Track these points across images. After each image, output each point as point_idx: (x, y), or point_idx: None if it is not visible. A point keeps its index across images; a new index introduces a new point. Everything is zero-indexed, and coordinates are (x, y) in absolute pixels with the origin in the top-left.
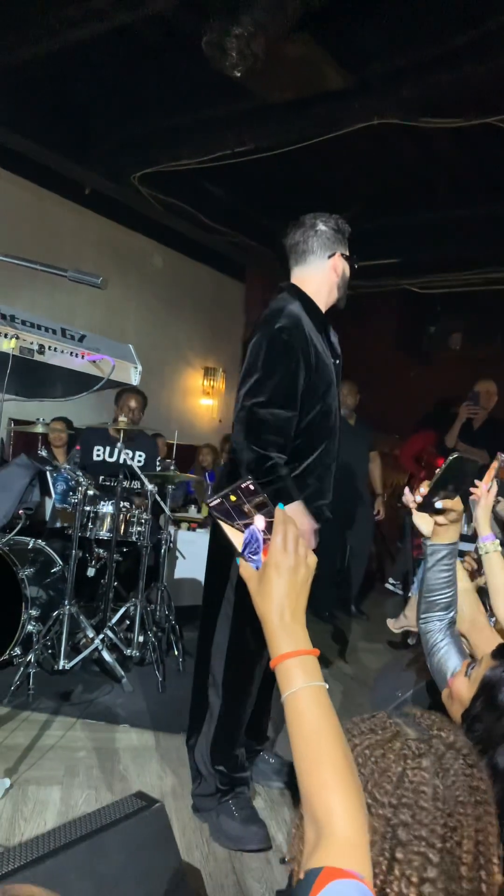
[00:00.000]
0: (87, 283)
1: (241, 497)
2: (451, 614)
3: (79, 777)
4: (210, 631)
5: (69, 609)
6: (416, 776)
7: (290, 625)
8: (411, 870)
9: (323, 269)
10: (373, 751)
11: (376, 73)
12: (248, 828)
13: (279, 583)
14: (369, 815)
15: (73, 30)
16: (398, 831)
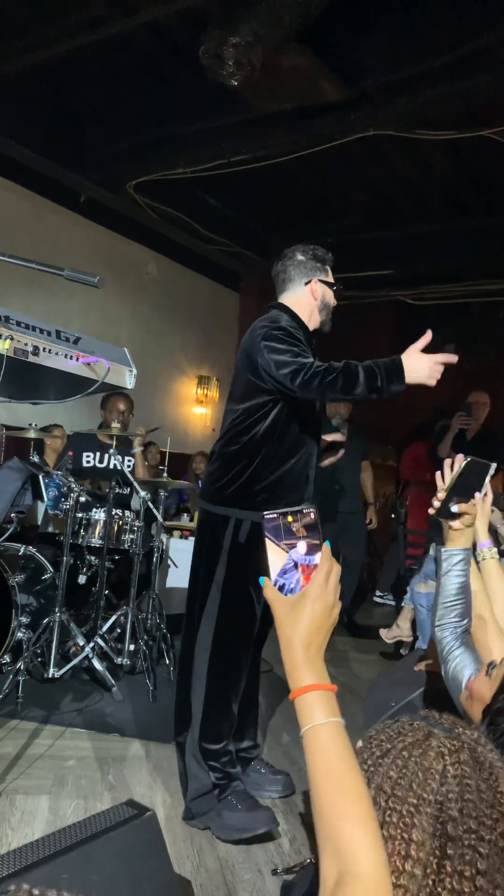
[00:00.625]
0: (83, 281)
1: (298, 520)
2: (465, 622)
3: (67, 787)
4: (194, 630)
5: (60, 616)
6: (458, 770)
7: (314, 658)
8: (463, 864)
9: (301, 295)
10: (411, 751)
11: (372, 85)
12: (254, 813)
13: (314, 616)
14: (416, 814)
15: (71, 39)
16: (447, 827)
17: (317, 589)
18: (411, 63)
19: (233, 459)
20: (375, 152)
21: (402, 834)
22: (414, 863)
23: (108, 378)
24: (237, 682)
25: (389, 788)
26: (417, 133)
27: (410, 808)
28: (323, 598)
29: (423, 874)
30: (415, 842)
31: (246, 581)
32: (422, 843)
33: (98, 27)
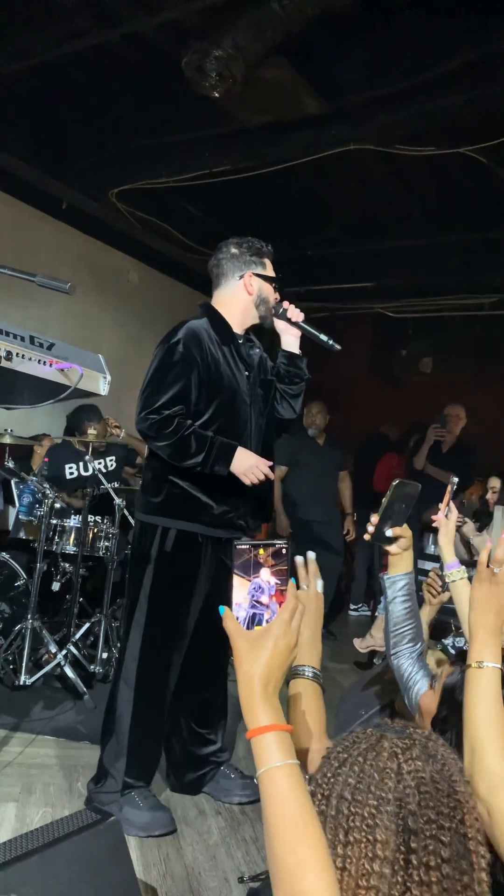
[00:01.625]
0: (55, 288)
1: (268, 554)
2: (419, 646)
3: (35, 794)
4: (126, 639)
5: (32, 623)
6: (412, 766)
7: (271, 697)
8: (428, 855)
9: (235, 290)
10: (366, 755)
11: (352, 100)
12: (154, 814)
13: (275, 654)
14: (378, 814)
15: (56, 48)
16: (408, 821)
17: (280, 627)
18: (391, 79)
19: (159, 470)
20: (355, 166)
21: (367, 836)
22: (381, 862)
23: (81, 384)
24: (165, 693)
25: (350, 795)
26: (397, 148)
27: (371, 810)
28: (286, 636)
29: (391, 871)
30: (379, 841)
31: (173, 589)
32: (386, 842)
33: (82, 37)
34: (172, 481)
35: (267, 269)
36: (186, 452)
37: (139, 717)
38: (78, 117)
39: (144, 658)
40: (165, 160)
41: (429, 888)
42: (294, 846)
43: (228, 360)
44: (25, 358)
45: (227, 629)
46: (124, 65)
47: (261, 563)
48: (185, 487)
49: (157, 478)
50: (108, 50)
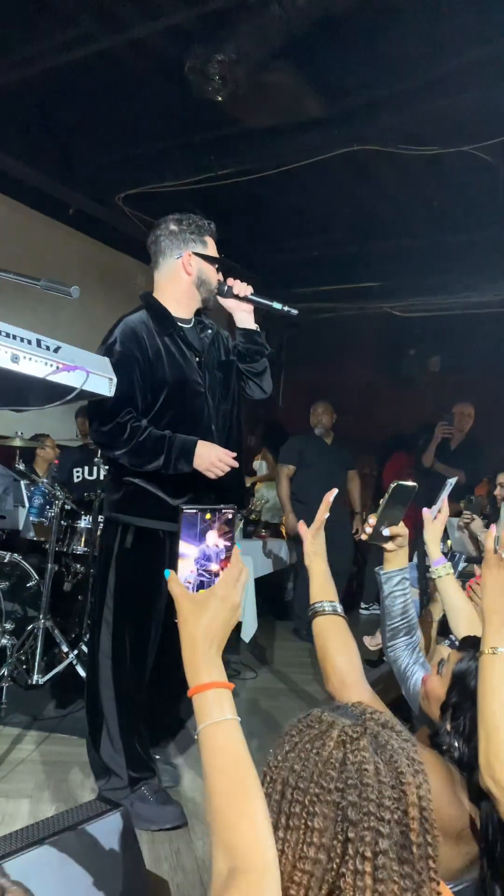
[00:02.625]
0: (59, 292)
1: (215, 519)
2: (414, 638)
3: (48, 791)
4: (96, 637)
5: (44, 624)
6: (357, 757)
7: (214, 656)
8: (364, 845)
9: (173, 271)
10: (313, 743)
11: (355, 101)
12: (164, 808)
13: (219, 614)
14: (318, 802)
15: (59, 54)
16: (348, 812)
17: (224, 589)
18: (394, 80)
19: (118, 469)
20: (359, 167)
21: (306, 822)
22: (318, 849)
23: (87, 386)
24: (141, 684)
25: (294, 781)
26: (400, 148)
27: (312, 798)
28: (230, 598)
29: (327, 858)
30: (317, 829)
31: (136, 584)
32: (323, 830)
33: (86, 43)
34: (129, 479)
35: (209, 247)
36: (144, 457)
37: (124, 713)
38: (84, 123)
39: (117, 654)
40: (170, 164)
41: (362, 877)
42: (228, 798)
43: (172, 350)
44: (32, 360)
45: (172, 591)
46: (128, 70)
47: (208, 528)
48: (140, 484)
49: (116, 476)
50: (113, 55)
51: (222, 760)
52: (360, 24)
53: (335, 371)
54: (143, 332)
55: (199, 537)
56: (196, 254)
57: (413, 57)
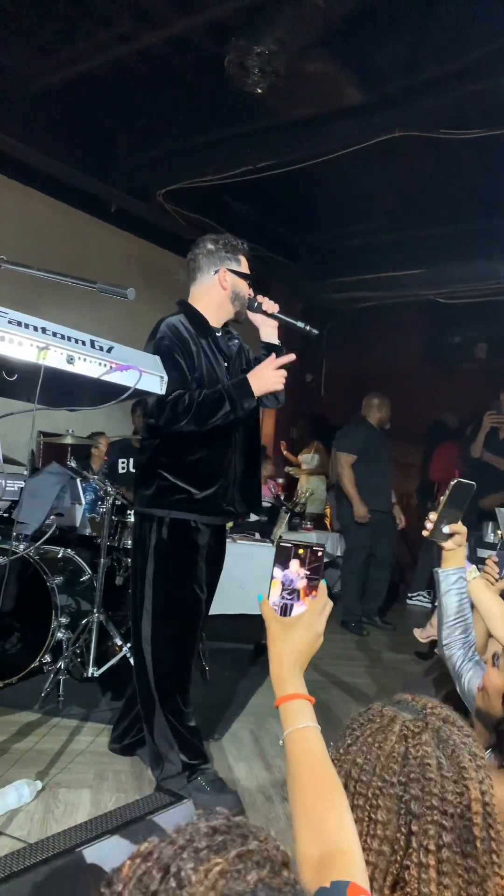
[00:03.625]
0: (115, 294)
1: (307, 554)
2: (470, 637)
3: (108, 781)
4: (138, 626)
5: (98, 617)
6: (419, 751)
7: (297, 674)
8: (427, 839)
9: (209, 285)
10: (375, 737)
11: (395, 87)
12: (221, 796)
13: (304, 638)
14: (381, 795)
15: (101, 53)
16: (411, 805)
17: (311, 617)
18: (434, 63)
19: (148, 463)
20: (400, 154)
21: (369, 815)
22: (381, 841)
23: (140, 385)
24: (186, 670)
25: (357, 774)
26: (442, 133)
27: (375, 791)
28: (315, 626)
29: (391, 850)
30: (380, 822)
31: (174, 575)
32: (387, 823)
33: (126, 42)
34: (160, 474)
35: (242, 265)
36: (210, 412)
37: (169, 701)
38: (124, 121)
39: (158, 642)
40: (210, 158)
41: (426, 870)
42: (317, 792)
43: (206, 352)
44: (87, 361)
45: (263, 613)
46: (167, 67)
47: (297, 558)
48: (171, 479)
49: (147, 473)
50: (152, 53)
51: (309, 760)
52: (397, 9)
53: (378, 361)
54: (183, 331)
55: (287, 566)
56: (231, 270)
57: (452, 39)
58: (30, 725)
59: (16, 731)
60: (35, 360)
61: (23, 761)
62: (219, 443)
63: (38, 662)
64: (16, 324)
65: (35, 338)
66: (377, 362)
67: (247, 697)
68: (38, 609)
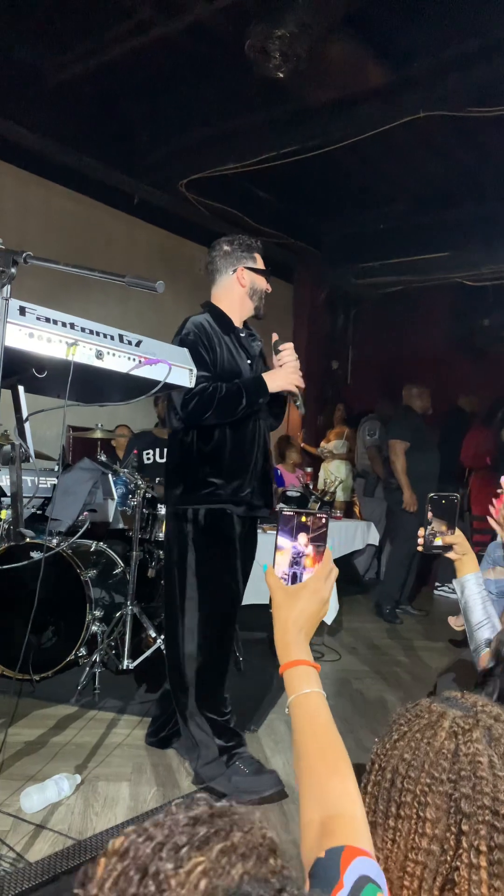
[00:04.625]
0: (143, 287)
1: (311, 522)
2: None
3: (146, 774)
4: (175, 618)
5: (131, 610)
6: (470, 749)
7: (303, 641)
8: (479, 839)
9: (229, 285)
10: (423, 733)
11: (420, 67)
12: (260, 777)
13: (309, 604)
14: (430, 793)
15: (119, 44)
16: (461, 804)
17: (316, 583)
18: (459, 41)
19: (180, 457)
20: (425, 135)
21: (417, 812)
22: (430, 840)
23: (170, 379)
24: (227, 655)
25: (404, 770)
26: (468, 111)
27: (424, 788)
28: (320, 592)
29: (440, 850)
30: (429, 820)
31: (215, 562)
32: (436, 821)
33: (144, 31)
34: (194, 467)
35: (257, 262)
36: (232, 406)
37: (207, 686)
38: (145, 112)
39: (204, 629)
40: (232, 146)
41: (478, 871)
42: (320, 758)
43: (230, 348)
44: (115, 356)
45: (268, 583)
46: (187, 55)
47: (303, 527)
48: (204, 472)
49: (180, 466)
50: (171, 41)
51: (312, 726)
52: None
53: (405, 346)
54: (209, 327)
55: (293, 535)
56: (247, 268)
57: (476, 16)
58: (67, 719)
59: (53, 725)
60: (64, 356)
61: (61, 755)
62: (246, 438)
63: (74, 656)
64: (44, 320)
65: (64, 334)
66: (404, 348)
67: (281, 688)
68: (72, 603)
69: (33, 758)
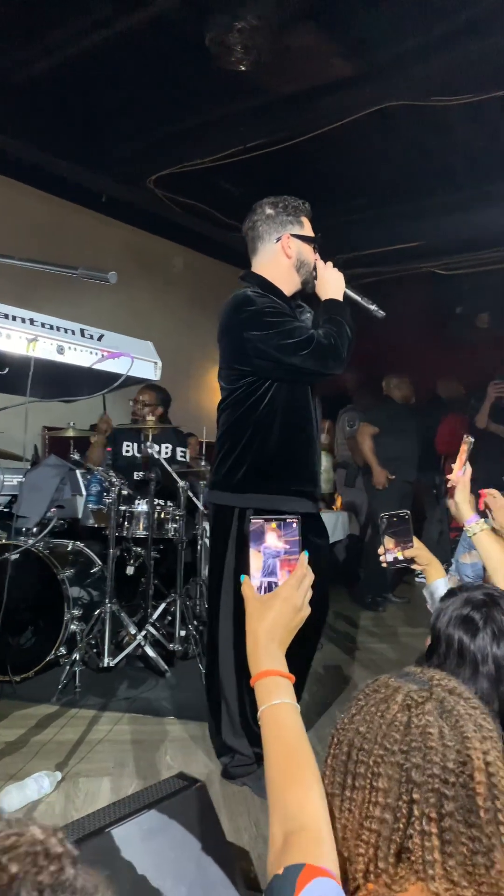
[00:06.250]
0: (96, 279)
1: (280, 528)
2: None
3: (128, 768)
4: (215, 623)
5: (110, 607)
6: (422, 720)
7: (276, 650)
8: (429, 807)
9: (273, 254)
10: (378, 706)
11: (383, 56)
12: None
13: (280, 612)
14: (382, 763)
15: (80, 40)
16: (412, 773)
17: (288, 591)
18: (422, 29)
19: (231, 449)
20: (392, 124)
21: (371, 783)
22: (383, 808)
23: (133, 372)
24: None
25: (359, 742)
26: (433, 100)
27: (377, 759)
28: (292, 598)
29: (393, 818)
30: (381, 789)
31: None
32: (388, 791)
33: (104, 27)
34: (244, 459)
35: (305, 228)
36: (345, 340)
37: (244, 696)
38: (110, 108)
39: (240, 640)
40: (199, 141)
41: (429, 838)
42: (285, 768)
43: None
44: (77, 350)
45: (243, 593)
46: (148, 49)
47: (271, 534)
48: (258, 464)
49: (227, 457)
50: (133, 36)
51: (280, 737)
52: None
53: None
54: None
55: (265, 543)
56: (294, 235)
57: (438, 4)
58: (48, 718)
59: (34, 724)
60: (24, 352)
61: (42, 753)
62: (304, 436)
63: (54, 655)
64: (2, 316)
65: (23, 329)
66: (379, 338)
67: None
68: (50, 602)
69: (14, 757)
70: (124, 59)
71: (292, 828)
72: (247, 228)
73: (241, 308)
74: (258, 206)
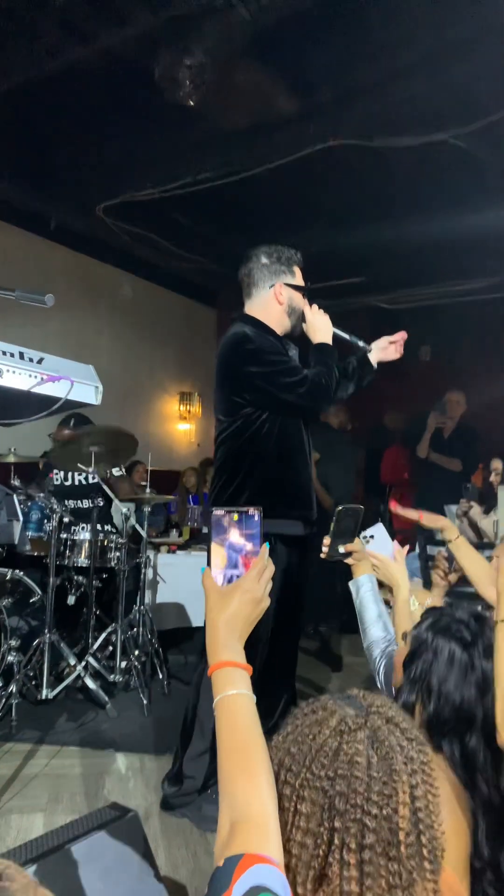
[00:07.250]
0: (34, 302)
1: (242, 519)
2: (388, 635)
3: (62, 803)
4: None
5: (50, 638)
6: (351, 748)
7: (234, 642)
8: (349, 837)
9: (266, 300)
10: (311, 728)
11: (327, 95)
12: None
13: (240, 605)
14: (307, 787)
15: (29, 68)
16: (335, 801)
17: (248, 583)
18: (364, 71)
19: (232, 476)
20: (339, 160)
21: (295, 805)
22: (304, 833)
23: (72, 395)
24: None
25: (288, 763)
26: (376, 141)
27: (302, 782)
28: (252, 591)
29: (313, 844)
30: (303, 814)
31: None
32: (311, 815)
33: (54, 56)
34: (245, 488)
35: (296, 277)
36: (332, 384)
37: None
38: (59, 136)
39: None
40: (149, 171)
41: (348, 867)
42: (235, 759)
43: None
44: (16, 373)
45: (204, 585)
46: (99, 80)
47: (234, 525)
48: (258, 491)
49: (227, 487)
50: (81, 67)
51: (232, 727)
52: (325, 17)
53: None
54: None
55: (226, 535)
56: (287, 284)
57: (381, 46)
58: None
59: None
60: None
61: None
62: (301, 464)
63: None
64: None
65: None
66: None
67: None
68: None
69: None
70: (76, 87)
71: (238, 818)
72: (243, 274)
73: (242, 345)
74: (253, 254)
